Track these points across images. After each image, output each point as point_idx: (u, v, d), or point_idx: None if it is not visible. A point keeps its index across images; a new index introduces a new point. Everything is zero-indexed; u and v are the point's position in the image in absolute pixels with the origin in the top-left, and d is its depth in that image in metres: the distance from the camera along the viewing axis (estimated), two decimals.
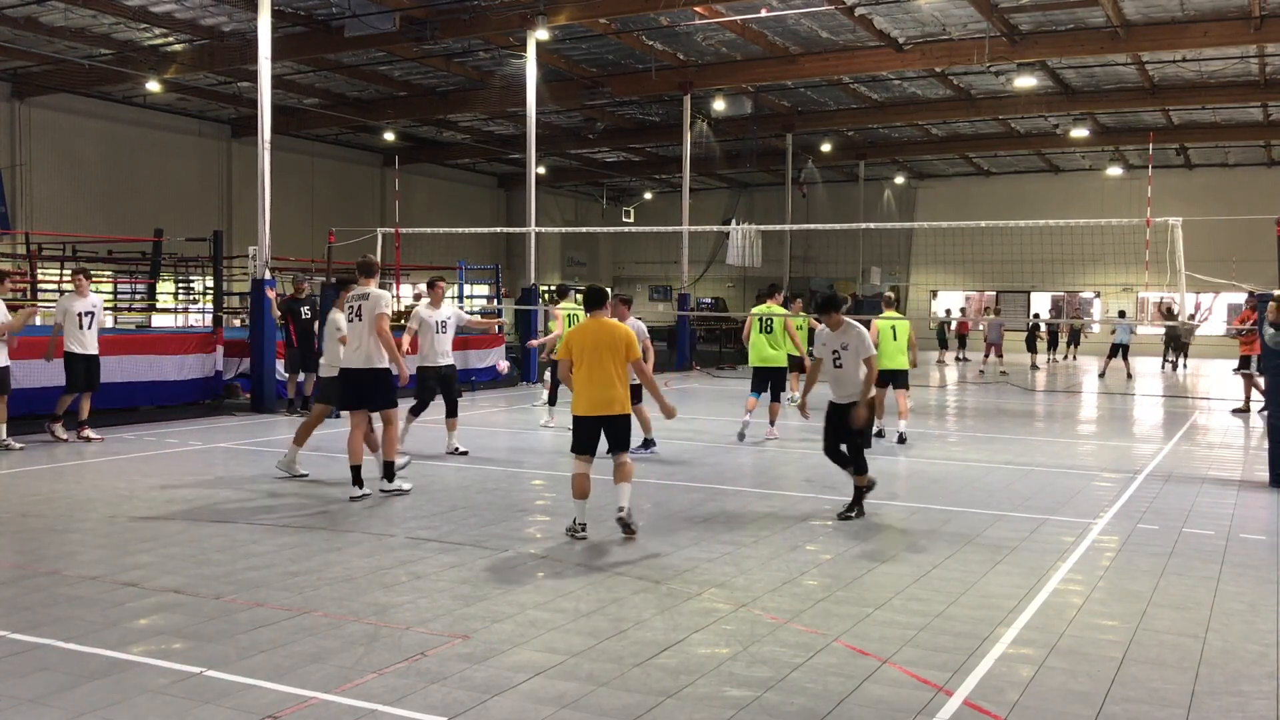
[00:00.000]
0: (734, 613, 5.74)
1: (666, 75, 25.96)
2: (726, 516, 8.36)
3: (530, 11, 20.50)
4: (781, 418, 13.11)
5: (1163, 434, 14.41)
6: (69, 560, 6.65)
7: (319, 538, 7.36)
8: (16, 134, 27.09)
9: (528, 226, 22.04)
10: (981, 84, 27.60)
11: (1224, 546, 7.48)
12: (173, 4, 21.11)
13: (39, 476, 9.70)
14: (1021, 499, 9.28)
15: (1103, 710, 4.46)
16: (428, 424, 12.46)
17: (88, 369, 11.98)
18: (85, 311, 11.98)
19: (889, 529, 7.96)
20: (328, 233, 17.78)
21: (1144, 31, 21.64)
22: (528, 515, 8.33)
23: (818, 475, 10.25)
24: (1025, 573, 6.66)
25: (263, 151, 15.55)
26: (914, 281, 41.51)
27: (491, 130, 34.89)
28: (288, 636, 5.20)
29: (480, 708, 4.36)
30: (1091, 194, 37.34)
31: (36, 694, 4.43)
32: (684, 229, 25.14)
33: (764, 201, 41.09)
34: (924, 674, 4.83)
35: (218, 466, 10.55)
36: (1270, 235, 10.77)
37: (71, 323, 11.84)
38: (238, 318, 22.76)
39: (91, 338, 12.02)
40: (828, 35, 23.12)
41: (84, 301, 12.04)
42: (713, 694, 4.56)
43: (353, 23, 20.86)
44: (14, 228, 25.39)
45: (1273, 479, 10.08)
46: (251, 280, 16.24)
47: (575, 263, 47.54)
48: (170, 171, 30.83)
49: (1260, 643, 5.38)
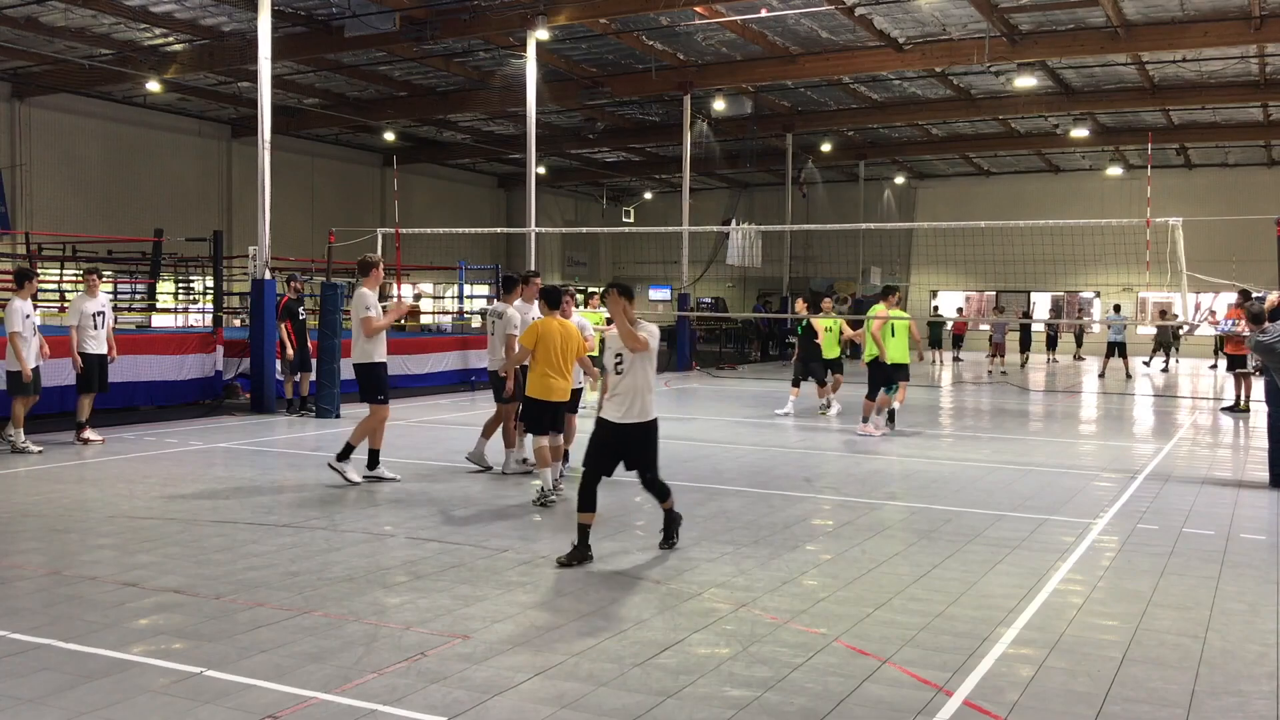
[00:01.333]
0: (734, 613, 5.74)
1: (666, 75, 25.96)
2: (726, 516, 8.36)
3: (530, 11, 20.50)
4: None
5: (1162, 434, 14.42)
6: (69, 560, 6.65)
7: (319, 538, 7.36)
8: (16, 134, 27.10)
9: (528, 226, 22.04)
10: (981, 84, 27.60)
11: (1224, 546, 7.48)
12: (173, 4, 21.11)
13: (39, 476, 9.70)
14: (1021, 499, 9.28)
15: (1103, 710, 4.46)
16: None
17: (101, 368, 12.01)
18: (97, 311, 12.02)
19: (889, 529, 7.96)
20: (328, 233, 17.80)
21: (1144, 31, 21.64)
22: (528, 515, 8.33)
23: (818, 475, 10.26)
24: (1025, 573, 6.66)
25: (263, 151, 15.55)
26: (914, 281, 41.50)
27: (491, 130, 34.89)
28: (288, 636, 5.20)
29: (480, 708, 4.36)
30: (1091, 194, 37.34)
31: (36, 694, 4.43)
32: (684, 229, 25.14)
33: (764, 201, 41.10)
34: (924, 674, 4.83)
35: (218, 466, 10.55)
36: (1270, 235, 10.78)
37: (86, 323, 11.89)
38: (238, 318, 22.77)
39: (103, 337, 12.05)
40: (828, 35, 23.12)
41: (95, 301, 12.07)
42: (713, 694, 4.56)
43: (353, 23, 20.87)
44: (14, 228, 25.40)
45: (1273, 479, 10.08)
46: (251, 280, 16.24)
47: (575, 263, 47.53)
48: (170, 171, 30.83)
49: (1260, 643, 5.38)
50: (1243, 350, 17.24)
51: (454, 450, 11.67)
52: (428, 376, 19.35)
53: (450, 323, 29.14)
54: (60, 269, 24.97)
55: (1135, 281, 34.61)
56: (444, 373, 19.74)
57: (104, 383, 12.05)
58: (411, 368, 19.11)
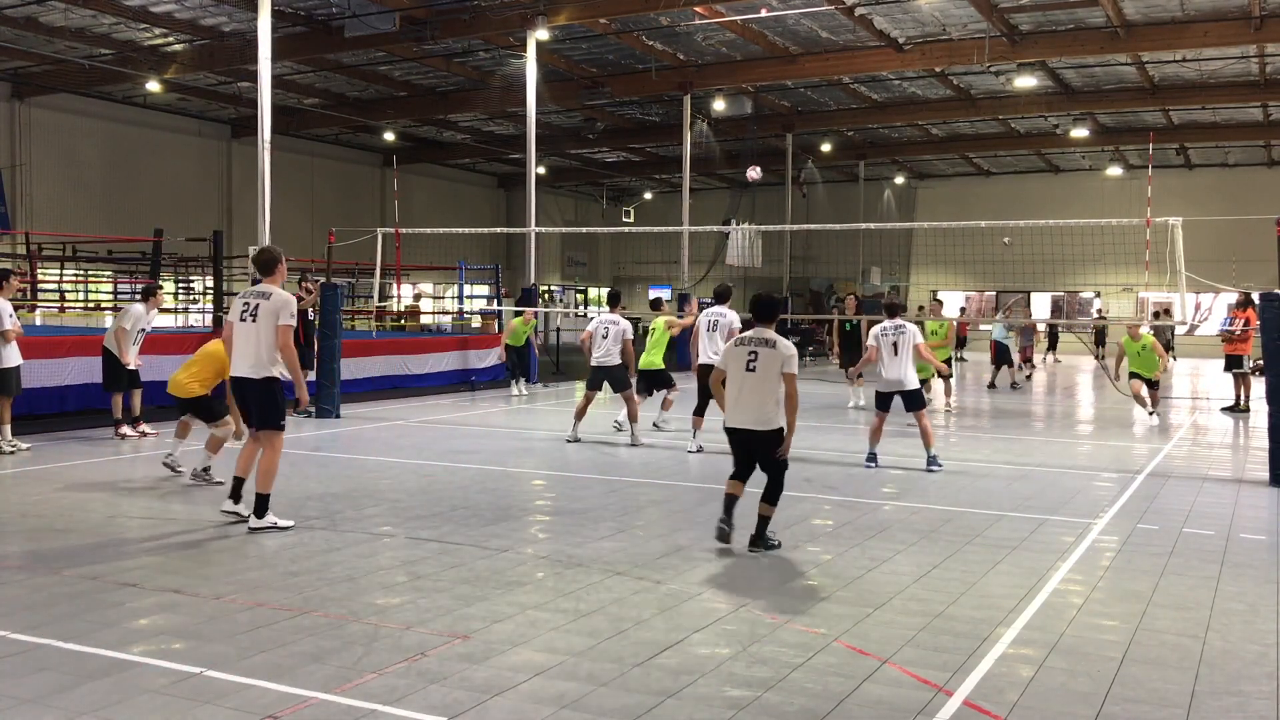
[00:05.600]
0: (734, 613, 5.74)
1: (666, 75, 25.97)
2: None
3: (530, 11, 20.51)
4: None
5: (1162, 434, 14.41)
6: (69, 560, 6.65)
7: (319, 538, 7.36)
8: (16, 134, 27.12)
9: (528, 226, 22.04)
10: (981, 84, 27.60)
11: (1224, 546, 7.48)
12: (173, 4, 21.12)
13: (39, 477, 9.70)
14: (1021, 499, 9.28)
15: (1103, 710, 4.46)
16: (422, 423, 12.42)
17: (131, 373, 12.22)
18: (142, 328, 12.29)
19: (889, 529, 7.96)
20: (328, 233, 17.78)
21: (1144, 31, 21.65)
22: (528, 515, 8.33)
23: (817, 475, 10.26)
24: (1025, 573, 6.66)
25: (263, 151, 15.55)
26: (914, 281, 41.51)
27: (491, 130, 34.91)
28: (288, 636, 5.20)
29: (480, 708, 4.36)
30: (1091, 194, 37.34)
31: (36, 694, 4.43)
32: (684, 229, 25.15)
33: (764, 201, 41.13)
34: (924, 674, 4.83)
35: (218, 466, 10.52)
36: (1270, 235, 10.76)
37: (136, 334, 12.16)
38: None
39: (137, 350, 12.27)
40: (828, 35, 23.13)
41: (149, 318, 12.48)
42: (713, 694, 4.56)
43: (353, 23, 20.88)
44: (14, 228, 25.41)
45: (1273, 478, 10.08)
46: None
47: (575, 263, 47.54)
48: (170, 171, 30.84)
49: (1260, 643, 5.38)
50: (1240, 350, 17.24)
51: (454, 450, 11.68)
52: (428, 376, 19.36)
53: (450, 323, 29.14)
54: (60, 269, 24.97)
55: (1135, 281, 34.61)
56: (444, 373, 19.74)
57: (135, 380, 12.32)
58: (411, 368, 19.11)
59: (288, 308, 7.51)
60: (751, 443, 7.12)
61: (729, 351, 7.31)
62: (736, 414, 7.13)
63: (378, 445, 11.99)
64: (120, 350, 11.93)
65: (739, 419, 7.12)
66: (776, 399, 7.02)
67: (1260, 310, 10.39)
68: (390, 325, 27.23)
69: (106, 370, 12.17)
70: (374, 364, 18.26)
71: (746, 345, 7.20)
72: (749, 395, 7.07)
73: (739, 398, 7.11)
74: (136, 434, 12.18)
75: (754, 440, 7.10)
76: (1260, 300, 10.38)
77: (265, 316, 7.48)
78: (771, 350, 7.07)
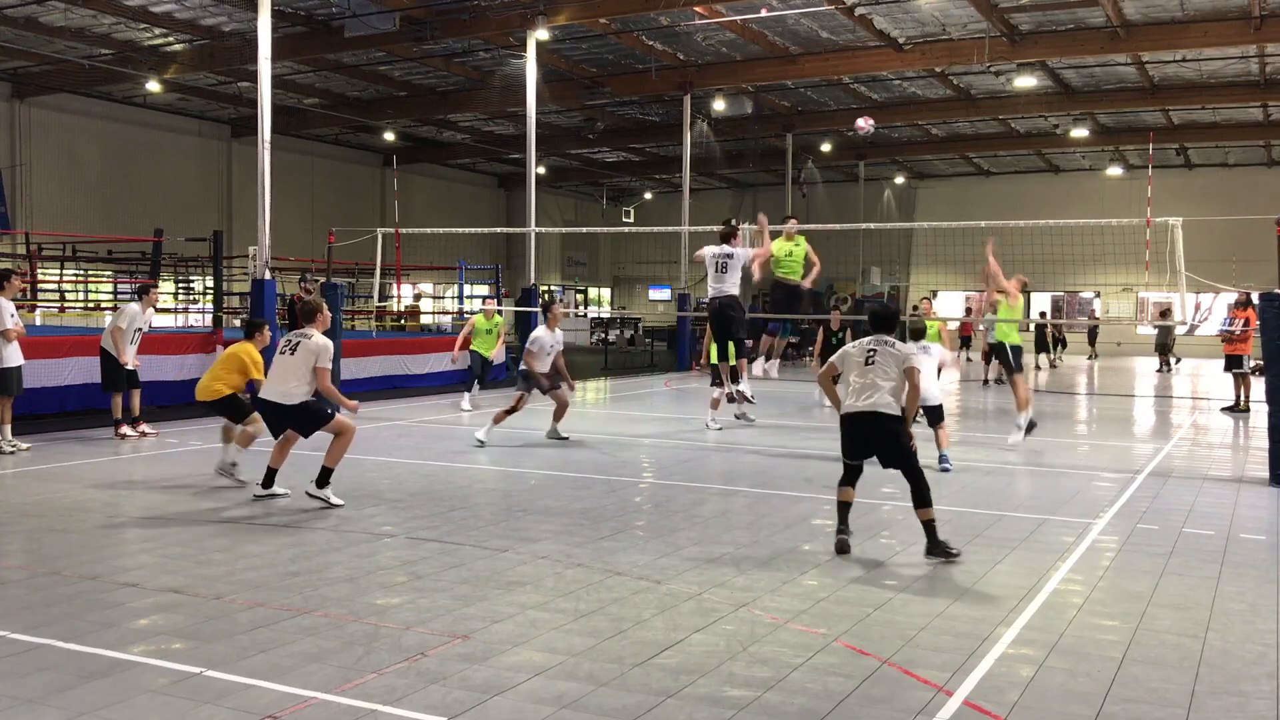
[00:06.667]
0: (734, 613, 5.74)
1: (666, 75, 25.97)
2: (726, 516, 8.36)
3: (530, 11, 20.52)
4: None
5: (1162, 434, 14.41)
6: (69, 560, 6.65)
7: (319, 538, 7.36)
8: (16, 134, 27.12)
9: (528, 227, 22.02)
10: (981, 84, 27.61)
11: (1224, 546, 7.48)
12: (173, 4, 21.13)
13: (39, 476, 9.70)
14: (1021, 499, 9.28)
15: (1103, 710, 4.46)
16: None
17: (130, 372, 12.23)
18: (138, 328, 12.28)
19: (889, 529, 7.96)
20: (328, 233, 17.79)
21: (1144, 31, 21.65)
22: (528, 515, 8.33)
23: (818, 475, 10.25)
24: (1025, 573, 6.66)
25: (263, 151, 15.55)
26: (914, 282, 41.51)
27: (491, 130, 34.91)
28: (288, 636, 5.20)
29: (480, 708, 4.36)
30: (1091, 194, 37.34)
31: (36, 694, 4.43)
32: (684, 229, 25.15)
33: (765, 202, 41.10)
34: (924, 674, 4.83)
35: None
36: (1270, 235, 10.77)
37: (132, 333, 12.16)
38: (238, 318, 22.76)
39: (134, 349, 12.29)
40: (828, 35, 23.13)
41: (146, 316, 12.44)
42: (713, 694, 4.56)
43: (353, 23, 20.89)
44: (14, 228, 25.41)
45: (1273, 478, 10.08)
46: (251, 280, 16.25)
47: (575, 263, 47.54)
48: (170, 171, 30.85)
49: (1260, 643, 5.38)
50: (1240, 350, 17.23)
51: (454, 450, 11.68)
52: (428, 376, 19.35)
53: (450, 323, 29.13)
54: (60, 269, 24.97)
55: (1135, 281, 34.63)
56: (444, 373, 19.73)
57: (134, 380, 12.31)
58: (411, 368, 19.11)
59: (325, 352, 8.37)
60: (875, 433, 7.06)
61: (844, 352, 7.36)
62: (858, 401, 7.14)
63: (377, 445, 11.98)
64: (117, 350, 11.96)
65: (860, 405, 7.10)
66: (894, 390, 7.04)
67: (1260, 310, 10.39)
68: (390, 325, 27.24)
69: (104, 371, 12.16)
70: (374, 364, 18.25)
71: (865, 346, 7.29)
72: (869, 386, 7.09)
73: (861, 387, 7.13)
74: (136, 434, 12.18)
75: (878, 428, 7.03)
76: (1260, 300, 10.38)
77: (303, 353, 8.36)
78: (891, 350, 7.16)
